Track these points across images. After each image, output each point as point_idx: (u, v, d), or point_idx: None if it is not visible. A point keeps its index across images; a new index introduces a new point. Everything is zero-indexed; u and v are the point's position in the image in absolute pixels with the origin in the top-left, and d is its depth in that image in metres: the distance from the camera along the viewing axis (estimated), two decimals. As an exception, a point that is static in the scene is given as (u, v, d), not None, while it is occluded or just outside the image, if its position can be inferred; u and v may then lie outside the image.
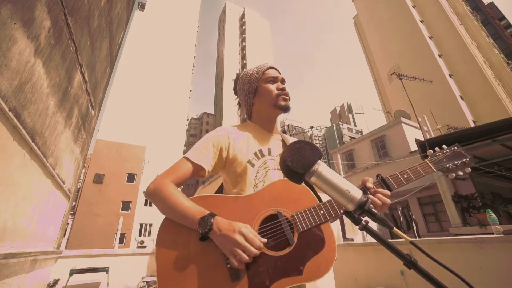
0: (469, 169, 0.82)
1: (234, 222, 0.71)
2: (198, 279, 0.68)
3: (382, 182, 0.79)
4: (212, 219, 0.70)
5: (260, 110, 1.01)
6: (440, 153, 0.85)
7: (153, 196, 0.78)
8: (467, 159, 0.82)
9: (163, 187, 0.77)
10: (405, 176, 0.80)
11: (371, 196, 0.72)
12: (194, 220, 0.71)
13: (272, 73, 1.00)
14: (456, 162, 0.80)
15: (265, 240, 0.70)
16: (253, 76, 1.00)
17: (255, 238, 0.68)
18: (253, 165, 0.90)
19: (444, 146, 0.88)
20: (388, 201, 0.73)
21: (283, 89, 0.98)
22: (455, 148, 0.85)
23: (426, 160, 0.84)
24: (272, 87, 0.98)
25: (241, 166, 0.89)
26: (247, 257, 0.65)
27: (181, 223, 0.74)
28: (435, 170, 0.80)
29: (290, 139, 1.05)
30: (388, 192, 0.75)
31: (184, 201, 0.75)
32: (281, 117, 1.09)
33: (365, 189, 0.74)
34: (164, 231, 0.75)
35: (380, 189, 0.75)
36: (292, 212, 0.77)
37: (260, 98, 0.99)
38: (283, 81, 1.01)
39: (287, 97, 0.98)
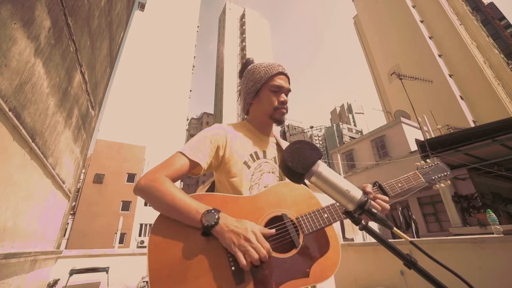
0: (449, 181, 0.95)
1: (244, 220, 0.68)
2: (198, 282, 0.62)
3: (380, 189, 0.82)
4: (218, 214, 0.67)
5: (256, 113, 0.98)
6: (426, 166, 0.94)
7: (146, 192, 0.71)
8: (448, 173, 0.93)
9: (157, 182, 0.71)
10: (399, 185, 0.85)
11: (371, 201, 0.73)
12: (197, 215, 0.66)
13: (279, 81, 0.93)
14: (439, 175, 0.92)
15: (269, 248, 0.66)
16: (260, 76, 0.94)
17: (265, 242, 0.65)
18: (249, 167, 0.88)
19: (428, 160, 0.99)
20: (387, 206, 0.76)
21: (283, 103, 0.93)
22: (438, 163, 0.97)
23: (416, 171, 0.92)
24: (274, 98, 0.92)
25: (236, 166, 0.86)
26: (257, 256, 0.62)
27: (180, 220, 0.69)
28: (424, 181, 0.89)
29: (284, 144, 1.02)
30: (387, 198, 0.78)
31: (183, 196, 0.70)
32: None
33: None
34: (159, 229, 0.68)
35: (379, 195, 0.78)
36: (296, 214, 0.77)
37: (258, 103, 0.96)
38: (287, 92, 0.96)
39: (285, 111, 0.94)
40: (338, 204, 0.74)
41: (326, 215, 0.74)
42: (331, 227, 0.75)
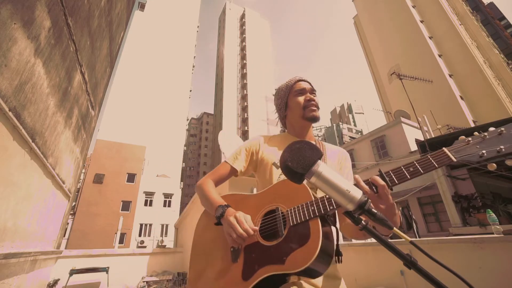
0: (494, 165, 0.61)
1: (237, 211, 0.84)
2: (211, 256, 0.90)
3: (381, 178, 0.67)
4: (226, 208, 0.85)
5: (292, 121, 1.09)
6: (471, 140, 0.64)
7: (197, 190, 1.01)
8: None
9: (204, 183, 1.00)
10: (411, 169, 0.66)
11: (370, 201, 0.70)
12: (214, 209, 0.88)
13: (301, 85, 1.06)
14: (498, 148, 0.57)
15: (256, 228, 0.81)
16: (283, 91, 1.09)
17: (244, 222, 0.79)
18: (277, 167, 0.97)
19: (478, 132, 0.64)
20: (382, 182, 0.64)
21: (310, 100, 1.03)
22: (502, 129, 0.61)
23: (444, 148, 0.67)
24: (300, 99, 1.04)
25: (267, 167, 1.01)
26: (235, 235, 0.76)
27: (209, 211, 0.94)
28: (455, 159, 0.63)
29: (328, 146, 1.08)
30: (383, 182, 0.64)
31: (213, 194, 0.94)
32: None
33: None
34: (201, 217, 1.01)
35: (374, 177, 0.66)
36: (288, 207, 0.82)
37: (290, 111, 1.08)
38: (312, 92, 1.06)
39: (314, 108, 1.02)
40: (327, 197, 0.74)
41: (312, 208, 0.76)
42: (317, 221, 0.74)
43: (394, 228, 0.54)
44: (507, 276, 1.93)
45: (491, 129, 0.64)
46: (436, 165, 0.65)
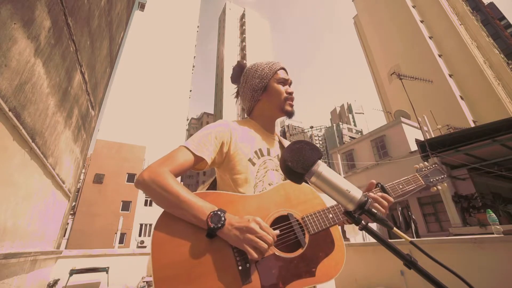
0: (445, 184, 0.97)
1: (245, 216, 0.68)
2: (204, 282, 0.62)
3: (382, 190, 0.83)
4: (224, 215, 0.66)
5: (264, 108, 0.99)
6: (425, 169, 0.96)
7: (149, 187, 0.69)
8: (444, 176, 0.96)
9: (161, 177, 0.69)
10: (400, 186, 0.86)
11: (374, 204, 0.76)
12: (203, 215, 0.65)
13: (283, 74, 0.99)
14: (436, 178, 0.95)
15: (278, 232, 0.67)
16: (265, 72, 0.97)
17: (269, 228, 0.66)
18: (253, 164, 0.87)
19: (425, 163, 1.02)
20: (385, 203, 0.77)
21: (291, 94, 0.97)
22: (436, 165, 0.99)
23: (416, 173, 0.94)
24: (282, 89, 0.96)
25: (241, 163, 0.85)
26: (266, 246, 0.62)
27: (184, 219, 0.67)
28: (423, 183, 0.91)
29: (286, 142, 1.04)
30: (391, 199, 0.78)
31: (188, 195, 0.68)
32: (282, 118, 1.08)
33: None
34: (163, 227, 0.66)
35: (380, 193, 0.78)
36: (301, 214, 0.77)
37: (268, 97, 0.97)
38: (291, 85, 1.01)
39: (293, 103, 0.98)
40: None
41: (331, 215, 0.75)
42: (336, 227, 0.75)
43: (394, 228, 0.54)
44: (507, 276, 1.93)
45: (426, 163, 1.01)
46: (415, 185, 0.89)
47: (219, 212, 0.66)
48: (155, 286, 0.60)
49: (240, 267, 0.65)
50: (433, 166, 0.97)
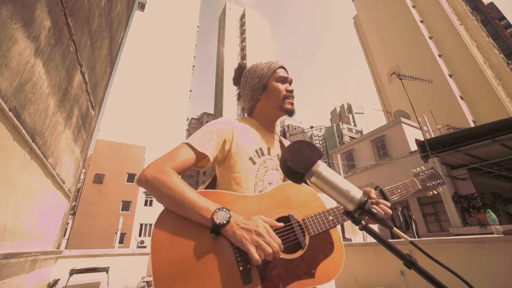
0: (441, 189, 1.00)
1: (252, 217, 0.68)
2: (203, 282, 0.61)
3: (381, 194, 0.84)
4: (229, 212, 0.66)
5: (264, 108, 0.99)
6: (422, 173, 0.98)
7: (151, 185, 0.68)
8: (441, 181, 0.97)
9: (164, 175, 0.69)
10: (398, 191, 0.88)
11: (374, 206, 0.76)
12: (208, 212, 0.64)
13: (282, 72, 0.98)
14: (433, 182, 0.97)
15: (280, 241, 0.66)
16: (264, 71, 0.97)
17: (276, 236, 0.65)
18: (254, 163, 0.87)
19: (423, 167, 1.03)
20: (389, 211, 0.77)
21: (291, 91, 0.97)
22: (432, 170, 1.01)
23: (413, 178, 0.96)
24: (282, 87, 0.96)
25: (242, 161, 0.85)
26: (271, 251, 0.61)
27: (187, 217, 0.66)
28: (421, 188, 0.94)
29: (286, 142, 1.04)
30: (389, 203, 0.79)
31: (192, 192, 0.68)
32: (282, 117, 1.08)
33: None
34: (163, 225, 0.66)
35: (381, 200, 0.79)
36: (302, 215, 0.77)
37: (267, 96, 0.97)
38: (291, 83, 1.00)
39: (293, 101, 0.97)
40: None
41: (331, 218, 0.75)
42: (335, 229, 0.76)
43: (394, 228, 0.54)
44: (507, 276, 1.93)
45: (423, 168, 1.03)
46: (412, 190, 0.91)
47: (224, 210, 0.65)
48: (155, 285, 0.59)
49: (241, 268, 0.64)
50: (430, 170, 1.00)
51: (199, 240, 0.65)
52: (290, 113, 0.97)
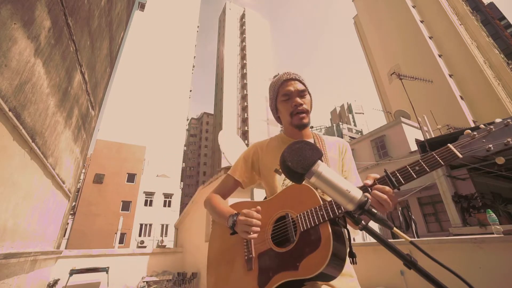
0: (502, 159, 0.59)
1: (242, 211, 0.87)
2: (227, 266, 0.92)
3: (387, 178, 0.68)
4: (237, 216, 0.84)
5: (284, 125, 1.08)
6: (477, 134, 0.63)
7: (206, 205, 1.05)
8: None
9: (210, 198, 1.04)
10: (417, 168, 0.65)
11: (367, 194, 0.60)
12: (225, 219, 0.89)
13: (286, 89, 0.98)
14: (510, 139, 0.56)
15: (260, 216, 0.83)
16: (271, 93, 1.06)
17: (253, 212, 0.81)
18: (280, 173, 0.98)
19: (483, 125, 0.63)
20: (384, 196, 0.64)
21: (296, 106, 0.95)
22: (509, 121, 0.59)
23: (449, 144, 0.64)
24: (287, 105, 0.98)
25: (270, 174, 1.01)
26: (249, 229, 0.78)
27: (220, 222, 0.96)
28: (461, 155, 0.61)
29: (327, 138, 1.08)
30: (388, 188, 0.65)
31: (221, 206, 0.98)
32: None
33: (364, 187, 0.70)
34: (214, 229, 1.06)
35: (380, 186, 0.66)
36: (297, 213, 0.82)
37: (281, 116, 1.06)
38: (300, 93, 0.97)
39: (303, 114, 0.96)
40: (334, 201, 0.75)
41: (321, 213, 0.75)
42: (326, 225, 0.74)
43: (394, 228, 0.54)
44: (507, 276, 1.93)
45: (497, 120, 0.63)
46: (442, 163, 0.62)
47: (233, 216, 0.86)
48: (207, 268, 0.99)
49: (246, 257, 0.86)
50: (507, 121, 0.60)
51: (227, 238, 0.95)
52: (301, 127, 0.98)
